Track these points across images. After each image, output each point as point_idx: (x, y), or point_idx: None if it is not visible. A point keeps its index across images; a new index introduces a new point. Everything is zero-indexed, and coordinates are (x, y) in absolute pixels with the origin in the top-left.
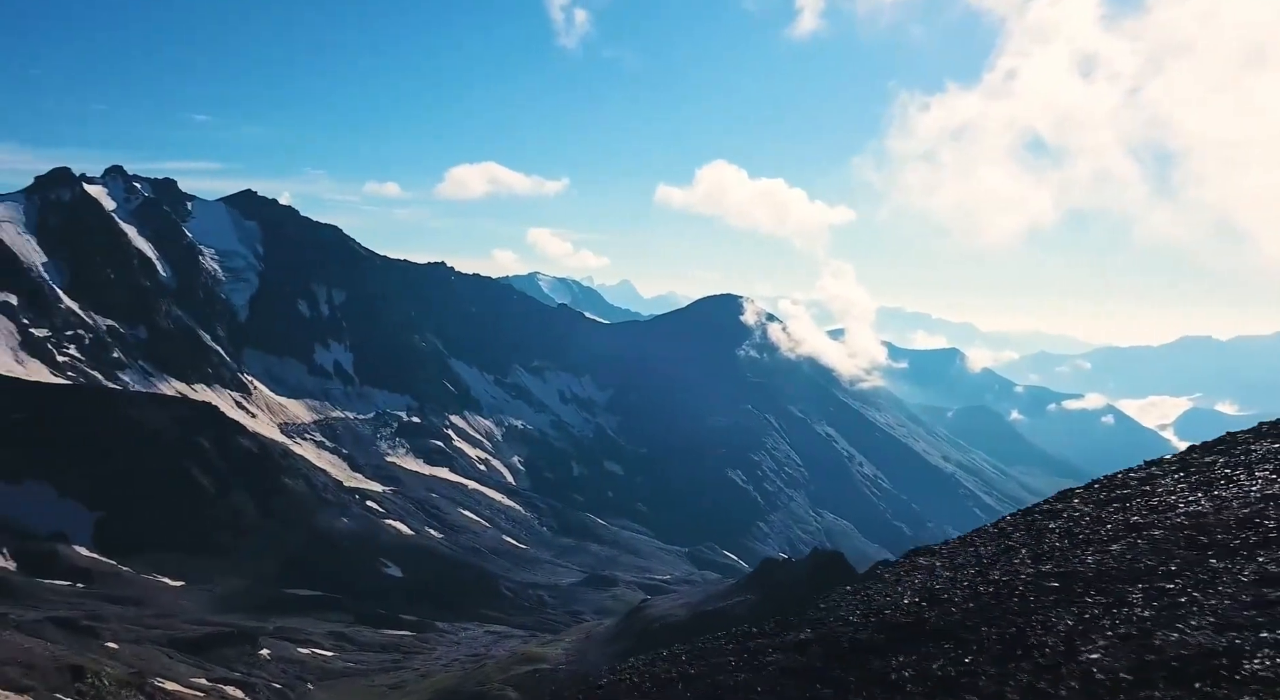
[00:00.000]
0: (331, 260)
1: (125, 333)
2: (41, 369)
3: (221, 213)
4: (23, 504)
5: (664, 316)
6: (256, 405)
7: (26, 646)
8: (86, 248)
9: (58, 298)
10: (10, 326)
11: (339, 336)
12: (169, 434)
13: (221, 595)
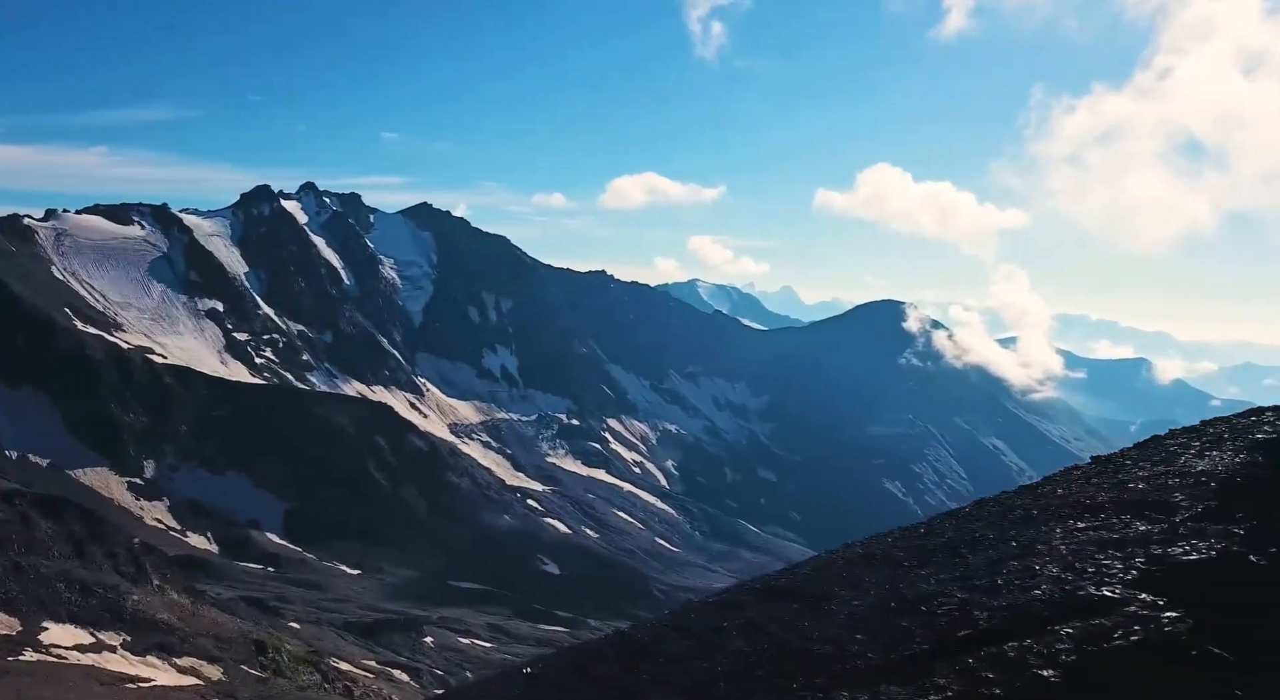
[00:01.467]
0: (499, 269)
1: (314, 337)
2: (242, 370)
3: (400, 225)
4: (224, 493)
5: (822, 323)
6: (428, 406)
7: (220, 621)
8: (282, 259)
9: (257, 305)
10: (217, 331)
11: (505, 342)
12: (350, 432)
13: (392, 584)
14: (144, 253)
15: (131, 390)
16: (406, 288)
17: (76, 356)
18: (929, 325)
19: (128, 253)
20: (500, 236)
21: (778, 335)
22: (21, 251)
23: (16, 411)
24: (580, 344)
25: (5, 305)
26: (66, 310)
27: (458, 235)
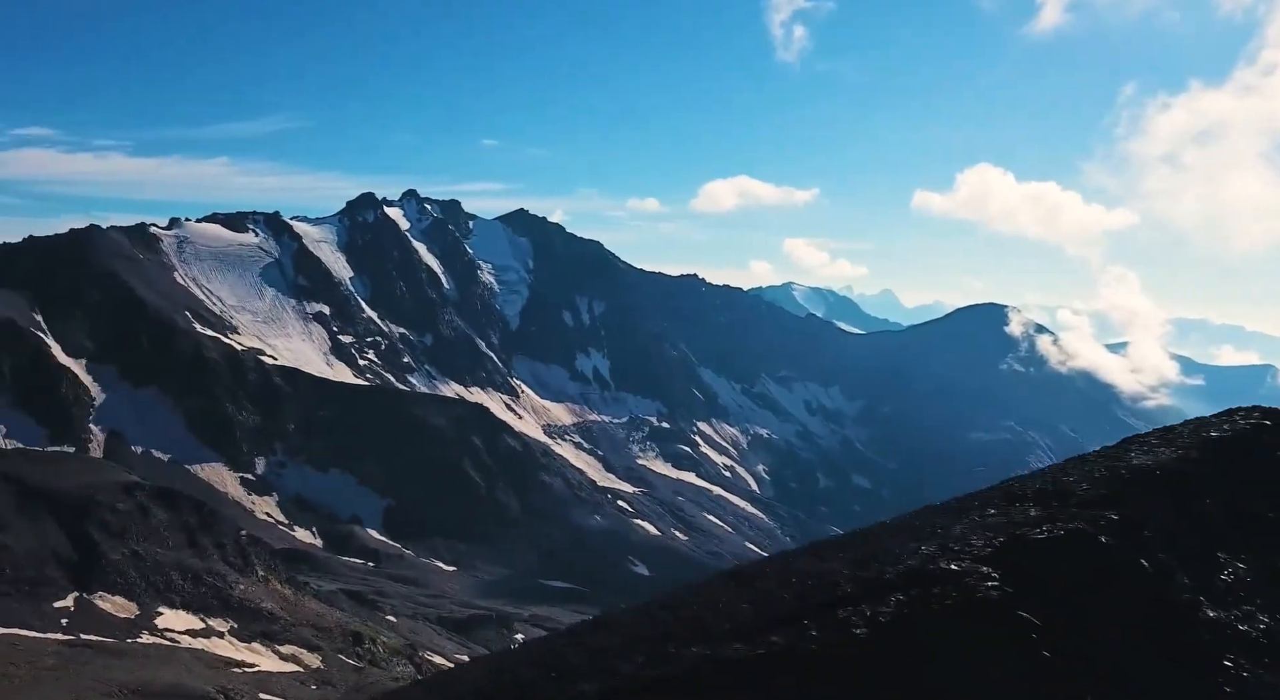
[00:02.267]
0: (593, 273)
1: (414, 340)
2: (346, 371)
3: (498, 230)
4: (328, 489)
5: (920, 327)
6: (523, 407)
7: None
8: (385, 264)
9: (361, 308)
10: (323, 334)
11: (598, 345)
12: (447, 432)
13: (486, 581)
14: (257, 259)
15: (244, 390)
16: (503, 292)
17: (195, 358)
18: (1032, 329)
19: (242, 259)
20: (594, 241)
21: (874, 339)
22: (147, 258)
23: (141, 409)
24: (671, 347)
25: (132, 309)
26: (186, 313)
27: (553, 240)
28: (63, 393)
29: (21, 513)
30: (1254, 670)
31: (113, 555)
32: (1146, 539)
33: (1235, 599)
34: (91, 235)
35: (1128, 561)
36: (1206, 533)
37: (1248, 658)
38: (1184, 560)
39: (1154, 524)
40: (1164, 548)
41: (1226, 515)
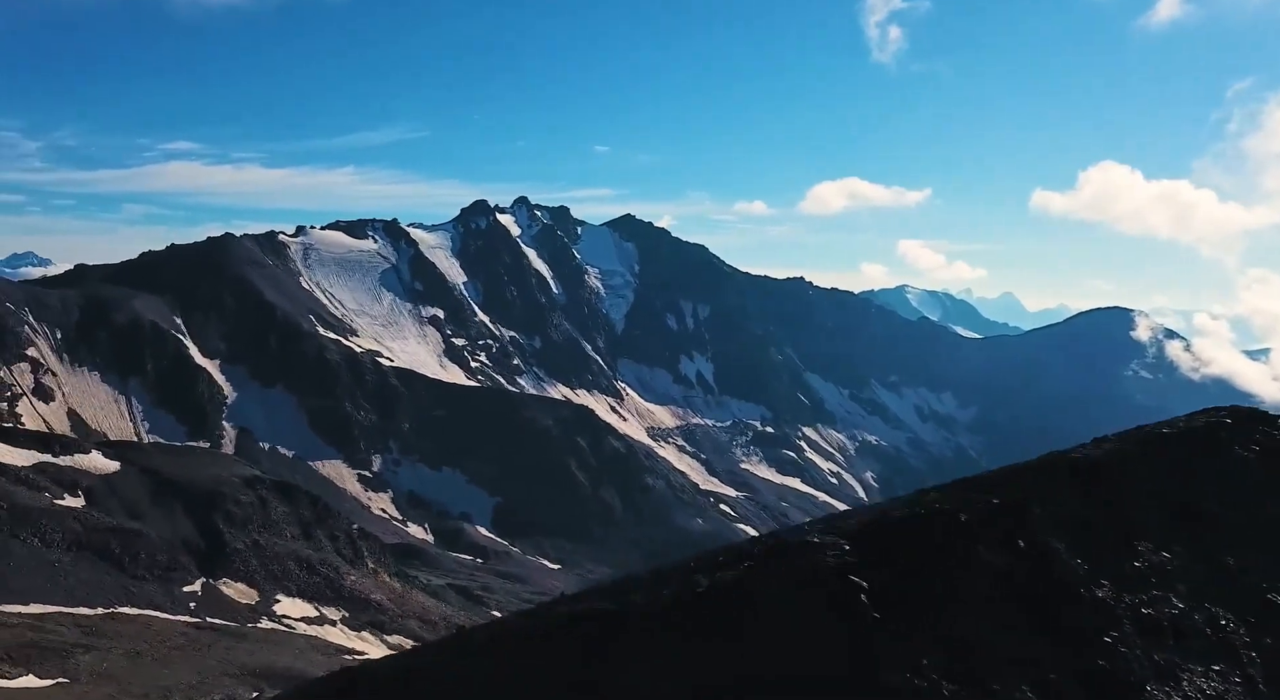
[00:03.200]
0: (697, 277)
1: (524, 343)
2: (459, 373)
3: (605, 235)
4: (440, 487)
5: (1039, 331)
6: (627, 410)
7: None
8: (496, 269)
9: (474, 312)
10: (437, 336)
11: (702, 348)
12: (554, 433)
13: (590, 579)
14: (376, 264)
15: (363, 390)
16: (609, 296)
17: (318, 359)
18: (1161, 334)
19: (362, 264)
20: (699, 245)
21: (991, 344)
22: (276, 264)
23: (269, 408)
24: (776, 351)
25: (262, 312)
26: (311, 317)
27: (658, 245)
28: (199, 391)
29: (157, 503)
30: (1142, 648)
31: (236, 544)
32: (1036, 522)
33: (1146, 584)
34: (226, 243)
35: (1000, 541)
36: (1128, 522)
37: (1143, 637)
38: (1086, 545)
39: (1058, 511)
40: (1063, 533)
41: (1161, 507)
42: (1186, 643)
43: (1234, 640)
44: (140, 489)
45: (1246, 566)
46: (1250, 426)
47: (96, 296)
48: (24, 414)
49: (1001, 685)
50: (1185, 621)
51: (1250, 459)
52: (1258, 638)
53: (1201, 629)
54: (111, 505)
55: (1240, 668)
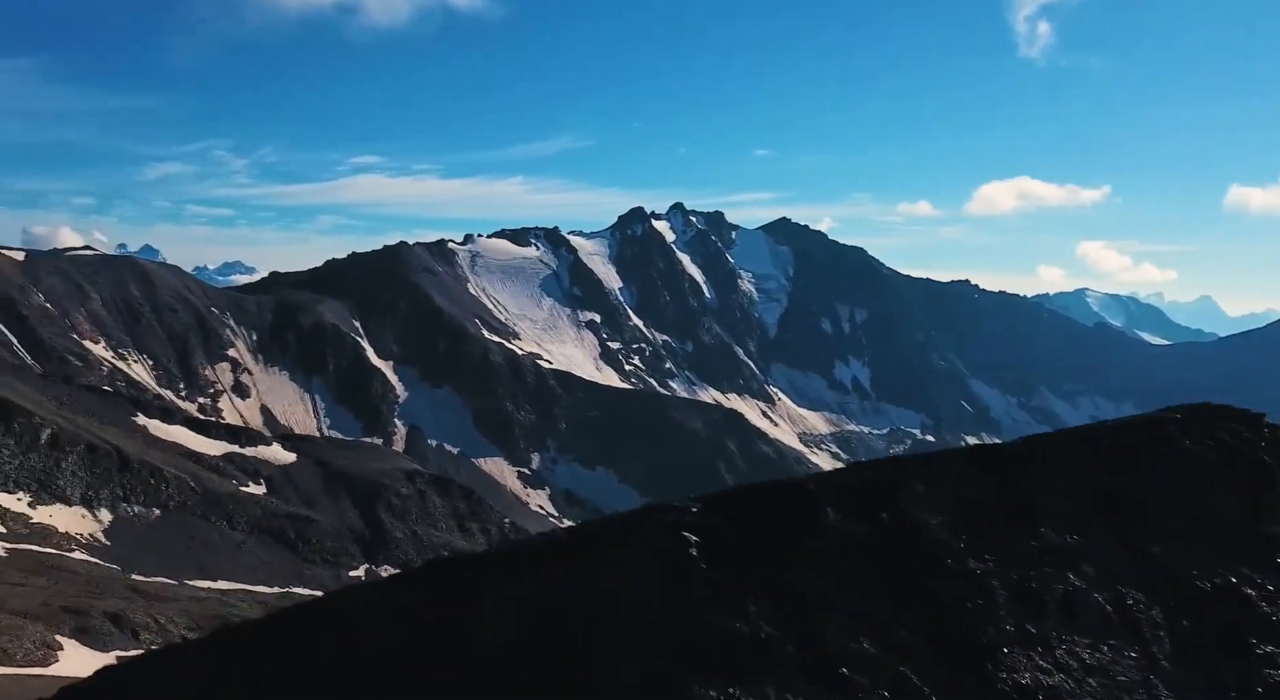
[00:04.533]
0: (855, 280)
1: (676, 346)
2: (613, 376)
3: (759, 239)
4: (593, 486)
5: (1239, 337)
6: (779, 414)
7: None
8: (650, 274)
9: (628, 316)
10: (593, 340)
11: (858, 353)
12: (704, 435)
13: None
14: (538, 271)
15: (523, 391)
16: (763, 300)
17: (482, 361)
18: None
19: (525, 271)
20: (857, 248)
21: (1181, 350)
22: (445, 271)
23: (437, 407)
24: (939, 356)
25: (431, 317)
26: (476, 321)
27: (814, 248)
28: (374, 390)
29: (327, 493)
30: (1013, 618)
31: (396, 534)
32: (910, 498)
33: (1039, 563)
34: (401, 251)
35: (859, 512)
36: (1035, 507)
37: (1018, 608)
38: (975, 525)
39: (953, 493)
40: (947, 512)
41: (1084, 495)
42: (1077, 618)
43: (1142, 620)
44: (313, 479)
45: (1176, 555)
46: (1213, 421)
47: (287, 302)
48: (224, 409)
49: (836, 635)
50: (1081, 599)
51: (1204, 453)
52: (1175, 621)
53: (1102, 607)
54: (288, 493)
55: (1143, 645)
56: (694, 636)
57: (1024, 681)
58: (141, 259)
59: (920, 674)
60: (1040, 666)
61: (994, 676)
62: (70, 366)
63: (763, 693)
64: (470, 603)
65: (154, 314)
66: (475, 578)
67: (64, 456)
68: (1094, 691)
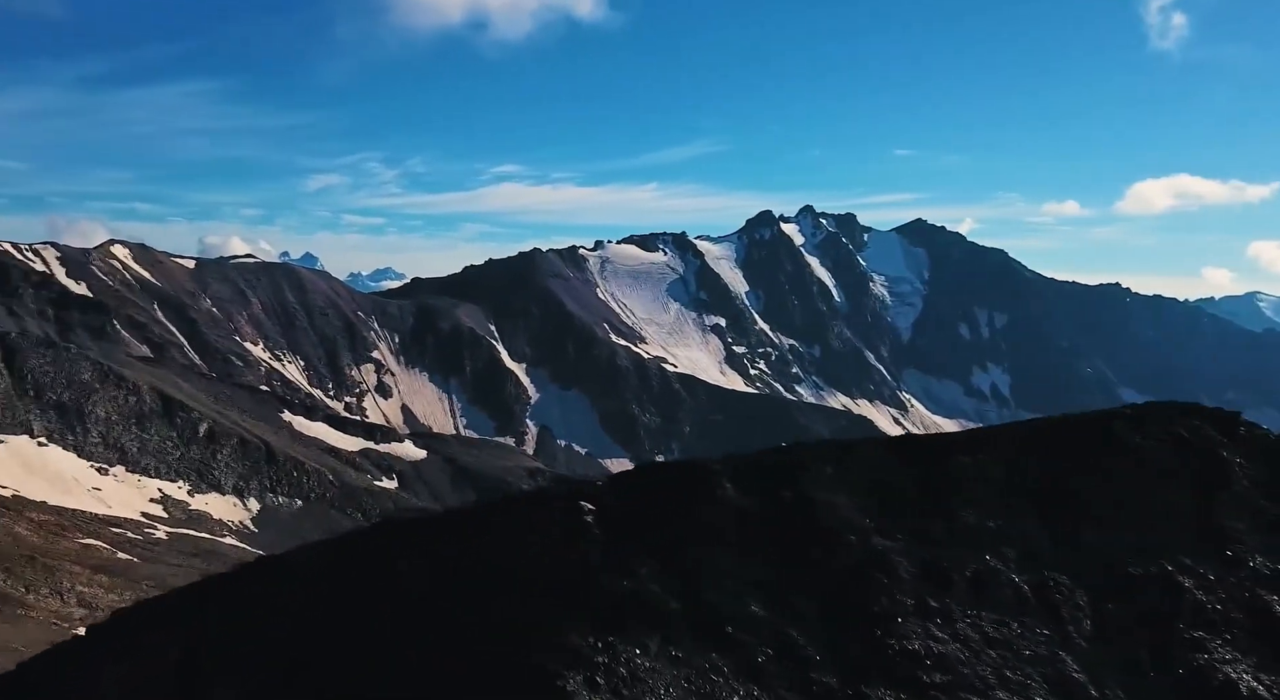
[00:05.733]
0: (995, 284)
1: (803, 351)
2: (738, 380)
3: (893, 242)
4: None
5: None
6: (912, 422)
7: None
8: (778, 278)
9: (754, 320)
10: (718, 344)
11: (997, 359)
12: None
13: None
14: (665, 275)
15: (649, 394)
16: (895, 304)
17: (609, 364)
18: None
19: (652, 275)
20: (997, 249)
21: None
22: (575, 276)
23: (566, 408)
24: (1085, 363)
25: (562, 321)
26: (604, 325)
27: (952, 250)
28: (507, 392)
29: (455, 488)
30: (914, 592)
31: None
32: (816, 479)
33: (952, 544)
34: (534, 257)
35: (761, 490)
36: (955, 493)
37: (921, 583)
38: (889, 507)
39: (866, 478)
40: (858, 495)
41: (1015, 485)
42: (988, 596)
43: (1061, 601)
44: (442, 475)
45: (1110, 543)
46: (1174, 419)
47: (427, 306)
48: (368, 408)
49: (724, 597)
50: (994, 578)
51: (1156, 448)
52: (1099, 605)
53: (1018, 587)
54: (418, 488)
55: (1058, 625)
56: (583, 592)
57: (912, 648)
58: (295, 266)
59: (806, 636)
60: (934, 636)
61: (882, 642)
62: (232, 366)
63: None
64: (393, 560)
65: (306, 317)
66: (400, 540)
67: (219, 449)
68: (993, 662)
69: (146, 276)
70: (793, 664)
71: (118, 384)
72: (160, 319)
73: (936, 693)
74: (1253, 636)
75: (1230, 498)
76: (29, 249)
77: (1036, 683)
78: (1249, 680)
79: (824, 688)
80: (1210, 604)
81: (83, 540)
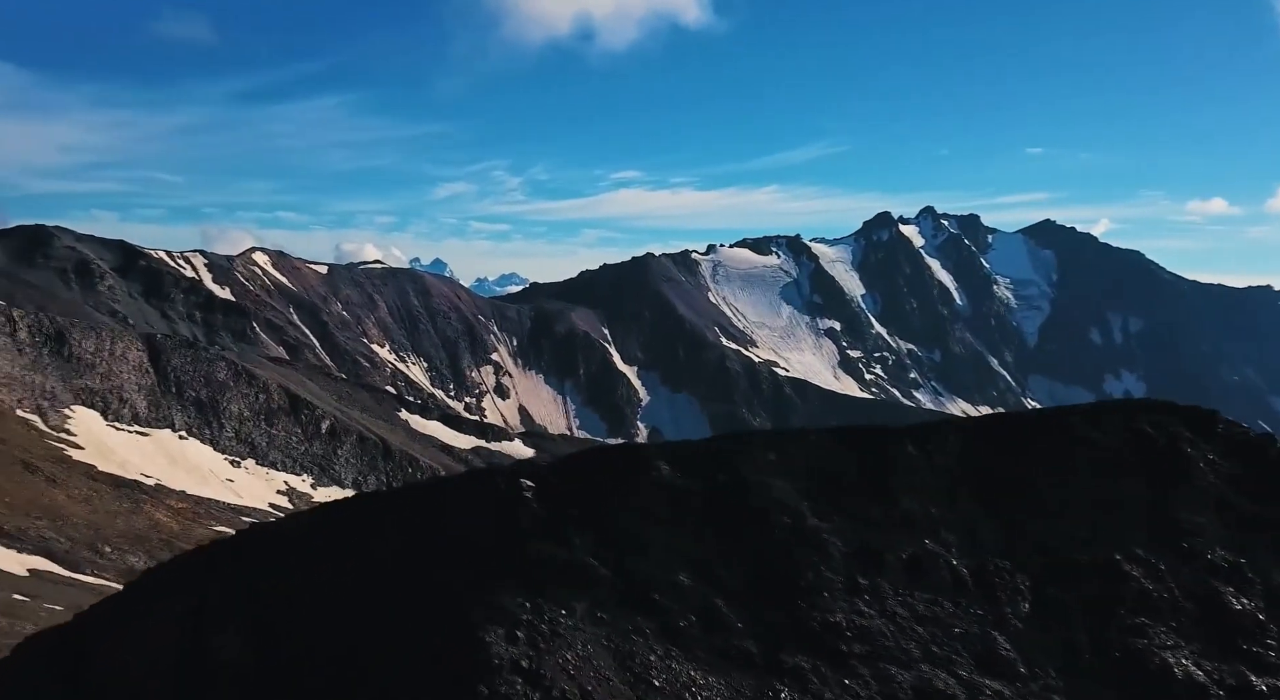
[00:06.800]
0: (1130, 286)
1: (922, 355)
2: (852, 384)
3: (1018, 244)
4: None
5: None
6: None
7: None
8: (896, 281)
9: (870, 324)
10: (833, 348)
11: (1132, 365)
12: None
13: None
14: (778, 279)
15: (759, 398)
16: (1021, 307)
17: (719, 368)
18: None
19: (764, 279)
20: (1132, 251)
21: None
22: (687, 280)
23: (677, 411)
24: (1231, 371)
25: (674, 324)
26: (715, 328)
27: (1083, 251)
28: (619, 394)
29: None
30: (844, 570)
31: None
32: (762, 464)
33: (892, 527)
34: (647, 262)
35: (700, 474)
36: (899, 481)
37: (851, 562)
38: (828, 494)
39: (812, 467)
40: (800, 481)
41: (963, 476)
42: (923, 577)
43: (999, 585)
44: None
45: (1057, 532)
46: (1139, 415)
47: (544, 310)
48: (487, 408)
49: (653, 567)
50: (930, 561)
51: (1114, 444)
52: (1041, 590)
53: (955, 570)
54: None
55: (995, 606)
56: (518, 559)
57: (834, 620)
58: (419, 271)
59: (730, 606)
60: (860, 611)
61: (805, 614)
62: (360, 367)
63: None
64: (362, 528)
65: (430, 321)
66: (370, 511)
67: (339, 445)
68: (920, 637)
69: (284, 281)
70: (713, 630)
71: (249, 383)
72: (295, 321)
73: (855, 662)
74: (1200, 625)
75: (1191, 492)
76: (180, 257)
77: (963, 657)
78: (1189, 666)
79: (741, 651)
80: (1157, 592)
81: (216, 527)
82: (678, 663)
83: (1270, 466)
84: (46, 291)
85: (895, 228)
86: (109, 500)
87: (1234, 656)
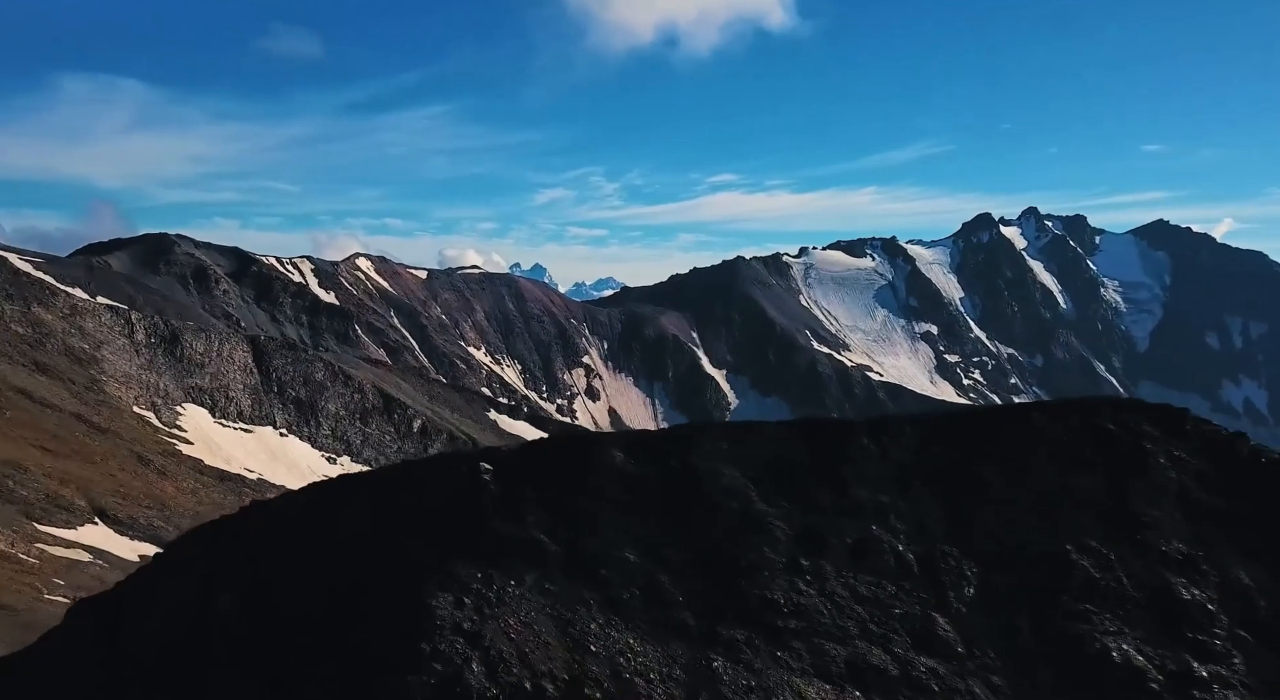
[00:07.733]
0: (1250, 289)
1: (1023, 360)
2: (949, 389)
3: (1129, 245)
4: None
5: None
6: None
7: None
8: (996, 284)
9: (969, 328)
10: (929, 352)
11: (1252, 372)
12: None
13: None
14: (872, 282)
15: (851, 403)
16: (1131, 311)
17: (810, 372)
18: None
19: (858, 282)
20: (1254, 252)
21: None
22: (778, 284)
23: (766, 415)
24: None
25: (764, 328)
26: (806, 332)
27: (1199, 253)
28: (708, 397)
29: None
30: (787, 553)
31: None
32: (714, 453)
33: (840, 514)
34: (737, 265)
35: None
36: (852, 473)
37: (795, 547)
38: (779, 483)
39: (763, 453)
40: (753, 471)
41: (907, 465)
42: (867, 561)
43: (944, 570)
44: None
45: (1009, 522)
46: (1101, 412)
47: (634, 314)
48: (578, 410)
49: (602, 545)
50: (876, 545)
51: (1071, 439)
52: (986, 575)
53: (901, 555)
54: None
55: (939, 591)
56: (475, 535)
57: (772, 597)
58: (515, 275)
59: (673, 582)
60: (799, 590)
61: (744, 591)
62: (457, 369)
63: (521, 578)
64: (337, 505)
65: (524, 324)
66: (348, 491)
67: (430, 443)
68: (858, 617)
69: (385, 286)
70: (655, 603)
71: (345, 383)
72: (395, 325)
73: (789, 637)
74: (1147, 612)
75: (1149, 487)
76: (288, 262)
77: (900, 636)
78: (1130, 651)
79: (678, 623)
80: (1105, 581)
81: None
82: (617, 631)
83: (1241, 464)
84: (166, 296)
85: (996, 229)
86: (214, 492)
87: (1179, 645)
